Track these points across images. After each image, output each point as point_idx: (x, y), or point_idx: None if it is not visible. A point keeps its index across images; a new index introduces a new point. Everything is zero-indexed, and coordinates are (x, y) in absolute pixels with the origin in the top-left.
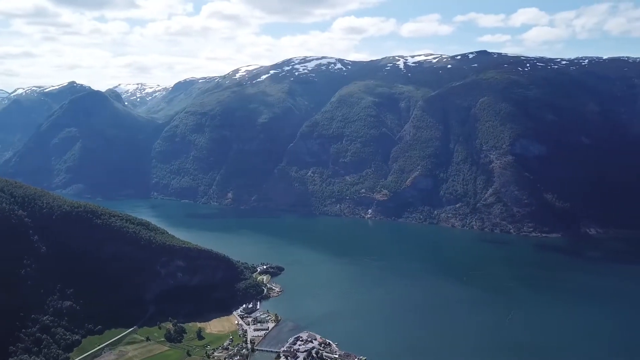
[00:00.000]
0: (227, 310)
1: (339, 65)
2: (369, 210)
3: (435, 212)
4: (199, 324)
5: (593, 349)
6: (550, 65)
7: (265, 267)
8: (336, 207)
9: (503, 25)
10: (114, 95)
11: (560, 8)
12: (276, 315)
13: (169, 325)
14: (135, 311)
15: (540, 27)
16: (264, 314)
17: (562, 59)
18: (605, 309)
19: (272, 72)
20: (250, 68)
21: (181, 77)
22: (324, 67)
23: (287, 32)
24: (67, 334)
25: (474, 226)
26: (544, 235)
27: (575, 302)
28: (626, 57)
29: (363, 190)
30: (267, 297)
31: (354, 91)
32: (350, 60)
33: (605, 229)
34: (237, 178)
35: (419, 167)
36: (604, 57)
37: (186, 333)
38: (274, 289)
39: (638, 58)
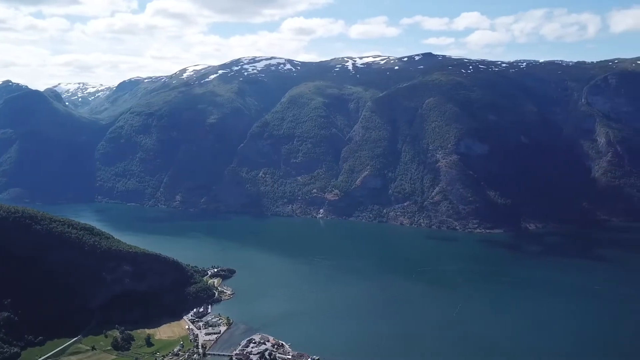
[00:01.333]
0: (177, 315)
1: (288, 66)
2: (321, 210)
3: (385, 210)
4: (147, 331)
5: (537, 337)
6: (492, 68)
7: (216, 270)
8: (288, 208)
9: (447, 29)
10: (53, 95)
11: (500, 13)
12: (228, 319)
13: (115, 333)
14: (80, 320)
15: (482, 30)
16: (215, 317)
17: (502, 62)
18: (547, 299)
19: (220, 72)
20: (198, 68)
21: (126, 77)
22: (273, 68)
23: (236, 32)
24: (5, 346)
25: (422, 224)
26: (487, 231)
27: (519, 294)
28: (560, 60)
29: (314, 191)
30: (218, 301)
31: (304, 92)
32: (299, 61)
33: (543, 223)
34: (185, 180)
35: (369, 166)
36: (541, 61)
37: (134, 340)
38: (225, 292)
39: (571, 62)
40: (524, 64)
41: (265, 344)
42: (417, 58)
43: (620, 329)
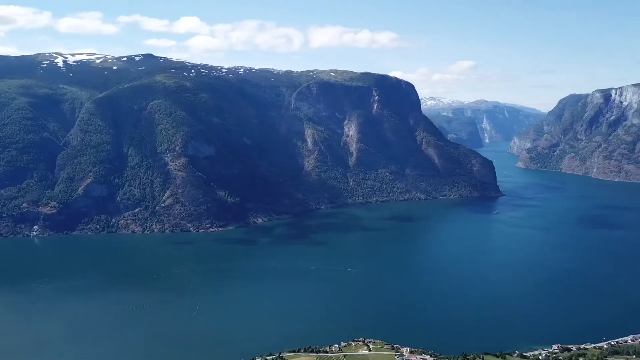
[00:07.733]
0: None
1: None
2: (35, 227)
3: (114, 219)
4: None
5: (276, 320)
6: (213, 73)
7: None
8: None
9: (168, 31)
10: None
11: (218, 20)
12: None
13: None
14: None
15: (202, 36)
16: None
17: (223, 67)
18: (278, 284)
19: None
20: None
21: None
22: None
23: None
24: None
25: (155, 229)
26: (220, 229)
27: (254, 284)
28: (272, 68)
29: (25, 205)
30: None
31: (3, 90)
32: None
33: (268, 217)
34: None
35: (91, 173)
36: (256, 68)
37: None
38: None
39: (281, 70)
40: (242, 70)
41: None
42: (137, 59)
43: (344, 300)
